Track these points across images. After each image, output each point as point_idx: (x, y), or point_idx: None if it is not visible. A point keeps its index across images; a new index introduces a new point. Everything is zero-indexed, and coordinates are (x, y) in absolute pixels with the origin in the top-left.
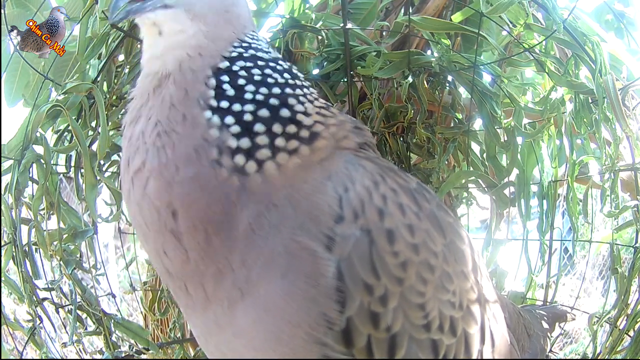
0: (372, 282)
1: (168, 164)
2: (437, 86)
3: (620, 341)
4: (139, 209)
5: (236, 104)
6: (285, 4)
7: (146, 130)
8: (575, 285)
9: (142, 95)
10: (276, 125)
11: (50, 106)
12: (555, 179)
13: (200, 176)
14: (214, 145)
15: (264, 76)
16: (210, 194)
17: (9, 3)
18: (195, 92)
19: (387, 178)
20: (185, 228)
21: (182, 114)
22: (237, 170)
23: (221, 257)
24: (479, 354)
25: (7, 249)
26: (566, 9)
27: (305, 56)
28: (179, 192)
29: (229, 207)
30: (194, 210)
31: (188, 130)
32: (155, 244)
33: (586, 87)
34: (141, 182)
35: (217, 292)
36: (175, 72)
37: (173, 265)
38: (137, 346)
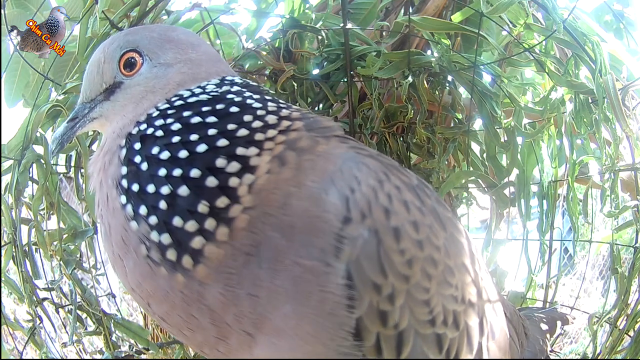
0: (381, 282)
1: (114, 252)
2: (437, 86)
3: (620, 341)
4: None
5: (149, 184)
6: (285, 4)
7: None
8: (575, 285)
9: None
10: (201, 205)
11: (50, 106)
12: (555, 179)
13: (141, 270)
14: (137, 238)
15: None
16: (161, 289)
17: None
18: (111, 168)
19: (391, 176)
20: (162, 315)
21: (106, 194)
22: (174, 267)
23: (211, 330)
24: (479, 347)
25: (7, 249)
26: (566, 9)
27: (305, 56)
28: (134, 283)
29: (186, 299)
30: (156, 302)
31: (112, 216)
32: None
33: (586, 87)
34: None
35: (229, 347)
36: (105, 147)
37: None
38: (137, 346)
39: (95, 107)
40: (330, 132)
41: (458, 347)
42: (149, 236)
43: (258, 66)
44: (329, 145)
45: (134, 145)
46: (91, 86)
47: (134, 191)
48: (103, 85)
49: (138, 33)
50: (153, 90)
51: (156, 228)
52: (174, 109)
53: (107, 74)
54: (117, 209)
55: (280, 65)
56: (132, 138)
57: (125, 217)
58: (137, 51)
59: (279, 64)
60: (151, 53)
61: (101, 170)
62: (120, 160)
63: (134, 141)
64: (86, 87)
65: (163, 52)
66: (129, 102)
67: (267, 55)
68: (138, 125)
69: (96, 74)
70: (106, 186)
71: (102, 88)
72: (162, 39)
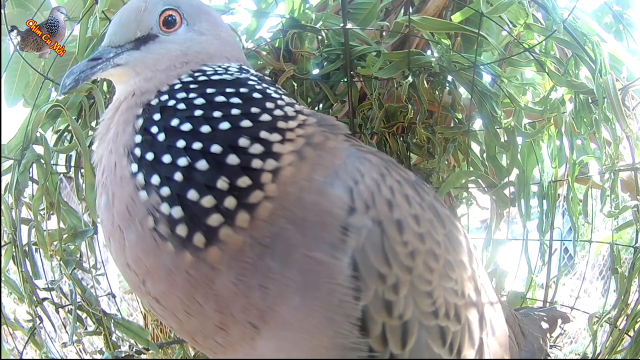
0: (385, 271)
1: (114, 223)
2: (437, 86)
3: (620, 341)
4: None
5: (165, 154)
6: (285, 4)
7: (99, 178)
8: (575, 285)
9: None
10: (221, 181)
11: (50, 106)
12: (555, 179)
13: (143, 244)
14: (144, 210)
15: (211, 107)
16: (163, 266)
17: (9, 3)
18: (125, 136)
19: (392, 171)
20: (157, 295)
21: (114, 162)
22: (183, 244)
23: (213, 317)
24: (480, 342)
25: (7, 249)
26: (566, 9)
27: (305, 56)
28: (132, 258)
29: (192, 280)
30: (155, 281)
31: (119, 185)
32: (143, 302)
33: (586, 87)
34: (105, 236)
35: (228, 339)
36: (118, 112)
37: (169, 323)
38: (137, 346)
39: (122, 53)
40: (338, 130)
41: (460, 341)
42: (159, 208)
43: (258, 66)
44: (337, 142)
45: (152, 115)
46: (123, 31)
47: (147, 160)
48: (137, 34)
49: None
50: (187, 53)
51: (168, 200)
52: (197, 83)
53: (144, 23)
54: (125, 177)
55: (280, 65)
56: (151, 108)
57: (135, 186)
58: (177, 12)
59: (279, 64)
60: (189, 17)
61: (112, 139)
62: (136, 129)
63: (153, 112)
64: (116, 31)
65: (199, 20)
66: (162, 58)
67: (267, 55)
68: (159, 96)
69: (133, 20)
70: (116, 154)
71: (135, 36)
72: (200, 9)
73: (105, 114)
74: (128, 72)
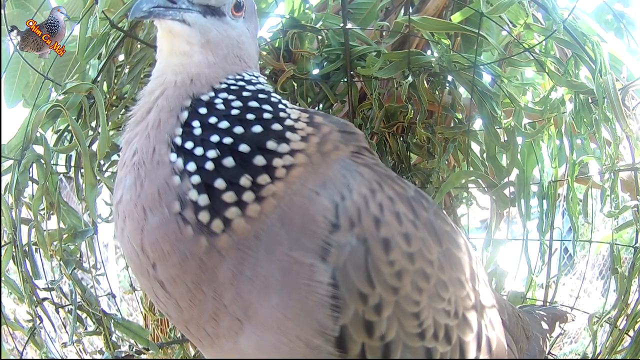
0: (367, 291)
1: (137, 204)
2: (437, 86)
3: (620, 341)
4: (122, 244)
5: (198, 147)
6: (285, 4)
7: (128, 159)
8: (575, 285)
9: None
10: (244, 179)
11: (50, 106)
12: (555, 179)
13: (165, 228)
14: (175, 194)
15: (244, 110)
16: (180, 251)
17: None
18: (167, 125)
19: (385, 186)
20: (166, 280)
21: (153, 147)
22: (202, 229)
23: (209, 304)
24: None
25: (7, 249)
26: (566, 9)
27: (305, 56)
28: (149, 240)
29: (202, 266)
30: (169, 266)
31: (154, 168)
32: (145, 287)
33: (586, 87)
34: (121, 215)
35: (217, 330)
36: (162, 97)
37: (168, 311)
38: (137, 346)
39: (192, 11)
40: (354, 141)
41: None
42: (188, 194)
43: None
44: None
45: (198, 109)
46: None
47: (186, 149)
48: (211, 1)
49: None
50: (240, 46)
51: (197, 188)
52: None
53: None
54: (163, 162)
55: (280, 65)
56: (199, 103)
57: (172, 170)
58: (244, 3)
59: (279, 64)
60: (247, 13)
61: (154, 125)
62: (180, 121)
63: (199, 106)
64: None
65: (251, 20)
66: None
67: (267, 55)
68: (209, 92)
69: None
70: (155, 140)
71: (208, 2)
72: (253, 11)
73: (146, 94)
74: (192, 38)
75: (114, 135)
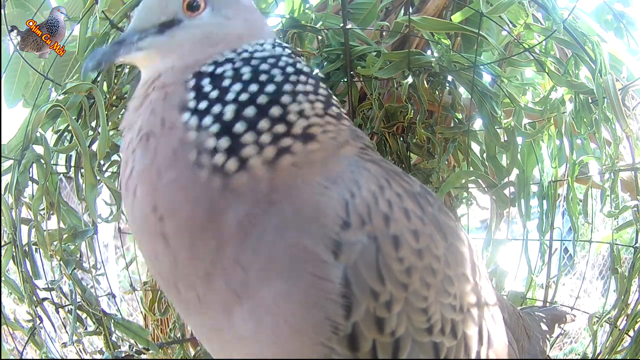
0: (378, 289)
1: (151, 169)
2: (437, 86)
3: (620, 341)
4: (132, 215)
5: (217, 105)
6: (285, 4)
7: (133, 137)
8: (575, 285)
9: (136, 102)
10: (263, 122)
11: (50, 106)
12: (555, 179)
13: (181, 179)
14: (192, 147)
15: (257, 73)
16: (192, 196)
17: (9, 3)
18: (175, 97)
19: (393, 182)
20: (171, 231)
21: (161, 118)
22: (217, 170)
23: (208, 258)
24: (477, 355)
25: (7, 249)
26: (566, 9)
27: (305, 56)
28: (163, 196)
29: (212, 209)
30: (178, 214)
31: (166, 134)
32: (148, 248)
33: (586, 87)
34: (132, 188)
35: (209, 295)
36: (159, 78)
37: (163, 268)
38: (137, 346)
39: (146, 37)
40: (359, 140)
41: (455, 356)
42: (205, 143)
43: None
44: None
45: (201, 80)
46: (147, 16)
47: (200, 109)
48: (161, 18)
49: None
50: (210, 37)
51: (215, 135)
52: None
53: (169, 7)
54: (176, 126)
55: None
56: (200, 75)
57: (186, 127)
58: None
59: None
60: (215, 1)
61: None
62: (188, 88)
63: (202, 77)
64: (141, 15)
65: (225, 5)
66: (186, 42)
67: None
68: (202, 67)
69: (158, 4)
70: (162, 111)
71: (159, 21)
72: None
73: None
74: (152, 56)
75: (114, 135)
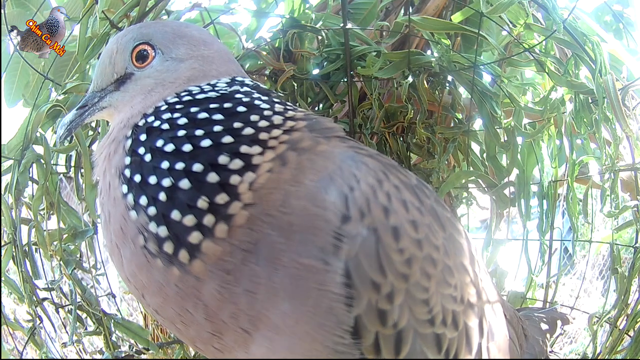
0: (379, 280)
1: (112, 241)
2: (437, 86)
3: (620, 341)
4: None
5: (151, 175)
6: (285, 4)
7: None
8: (575, 285)
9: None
10: (201, 201)
11: (50, 106)
12: (555, 179)
13: (137, 260)
14: (135, 228)
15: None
16: (155, 280)
17: (9, 3)
18: (116, 157)
19: (390, 175)
20: (155, 307)
21: (109, 182)
22: (170, 260)
23: (204, 325)
24: (479, 347)
25: (7, 249)
26: (566, 9)
27: (305, 56)
28: (129, 273)
29: (182, 292)
30: (151, 294)
31: (112, 205)
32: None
33: (586, 87)
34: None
35: (224, 345)
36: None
37: (174, 331)
38: (137, 346)
39: (105, 96)
40: (332, 133)
41: (457, 348)
42: (147, 227)
43: (258, 66)
44: (329, 145)
45: (139, 136)
46: (102, 76)
47: (135, 182)
48: (114, 76)
49: (151, 27)
50: (163, 84)
51: (155, 219)
52: (182, 103)
53: (118, 64)
54: (118, 198)
55: (280, 65)
56: (139, 129)
57: (126, 206)
58: (149, 44)
59: (279, 64)
60: (163, 47)
61: (106, 159)
62: (125, 150)
63: (140, 132)
64: (97, 76)
65: (175, 46)
66: (138, 93)
67: (267, 55)
68: (145, 118)
69: (108, 64)
70: (109, 175)
71: (113, 78)
72: (175, 34)
73: (102, 140)
74: (112, 112)
75: None
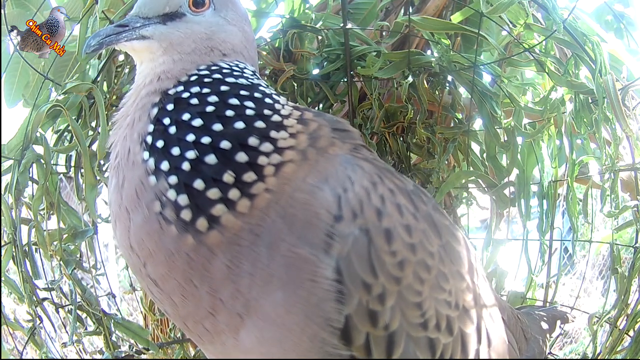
0: (371, 281)
1: (121, 205)
2: (437, 86)
3: (620, 341)
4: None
5: (174, 147)
6: (285, 4)
7: (112, 160)
8: (575, 285)
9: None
10: (227, 175)
11: (50, 106)
12: (555, 179)
13: (148, 227)
14: (153, 194)
15: (224, 106)
16: (165, 248)
17: (9, 3)
18: (140, 124)
19: (385, 179)
20: (157, 277)
21: (129, 148)
22: (186, 227)
23: (205, 300)
24: (476, 354)
25: (7, 249)
26: (566, 9)
27: (305, 56)
28: (136, 240)
29: (191, 262)
30: (156, 263)
31: (130, 169)
32: (142, 285)
33: (586, 87)
34: (112, 217)
35: (215, 326)
36: (138, 98)
37: (165, 307)
38: (137, 346)
39: (149, 25)
40: (349, 139)
41: (452, 353)
42: (166, 193)
43: (258, 66)
44: (340, 149)
45: (166, 105)
46: (152, 4)
47: (158, 147)
48: (166, 9)
49: None
50: (211, 37)
51: (175, 187)
52: (212, 79)
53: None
54: (137, 162)
55: (280, 65)
56: (167, 98)
57: (146, 170)
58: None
59: (279, 64)
60: (218, 3)
61: (129, 126)
62: (150, 118)
63: (167, 102)
64: (145, 3)
65: (227, 8)
66: (187, 39)
67: (267, 55)
68: (177, 86)
69: None
70: (130, 140)
71: (164, 11)
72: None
73: (127, 98)
74: (153, 47)
75: None
